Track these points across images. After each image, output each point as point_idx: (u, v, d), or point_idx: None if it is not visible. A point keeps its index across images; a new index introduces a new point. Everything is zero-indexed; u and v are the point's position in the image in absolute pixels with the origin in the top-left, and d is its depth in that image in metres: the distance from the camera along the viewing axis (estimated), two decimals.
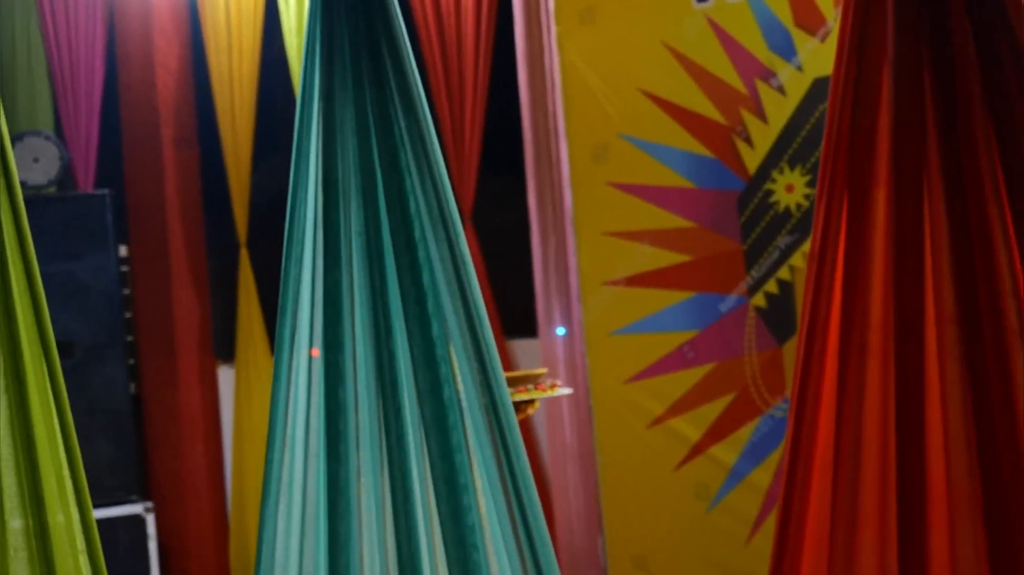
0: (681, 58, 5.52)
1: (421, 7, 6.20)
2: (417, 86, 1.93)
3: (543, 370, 3.67)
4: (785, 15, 5.37)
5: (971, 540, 1.65)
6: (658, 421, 5.55)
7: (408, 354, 1.90)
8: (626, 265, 5.62)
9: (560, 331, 5.96)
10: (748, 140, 5.46)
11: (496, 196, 6.69)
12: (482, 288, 6.07)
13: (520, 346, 6.45)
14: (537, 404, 3.55)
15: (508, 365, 6.36)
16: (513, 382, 3.52)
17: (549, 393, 3.49)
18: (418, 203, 1.90)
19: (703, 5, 5.51)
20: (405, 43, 1.93)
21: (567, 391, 3.56)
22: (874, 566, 1.67)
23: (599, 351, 5.64)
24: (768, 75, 5.42)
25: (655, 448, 5.57)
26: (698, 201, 5.56)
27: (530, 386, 3.48)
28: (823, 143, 1.70)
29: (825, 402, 1.71)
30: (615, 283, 5.64)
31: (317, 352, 1.87)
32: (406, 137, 1.91)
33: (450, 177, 5.83)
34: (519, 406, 3.48)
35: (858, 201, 1.68)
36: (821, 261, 1.70)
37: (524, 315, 6.20)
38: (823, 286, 1.70)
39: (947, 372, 1.66)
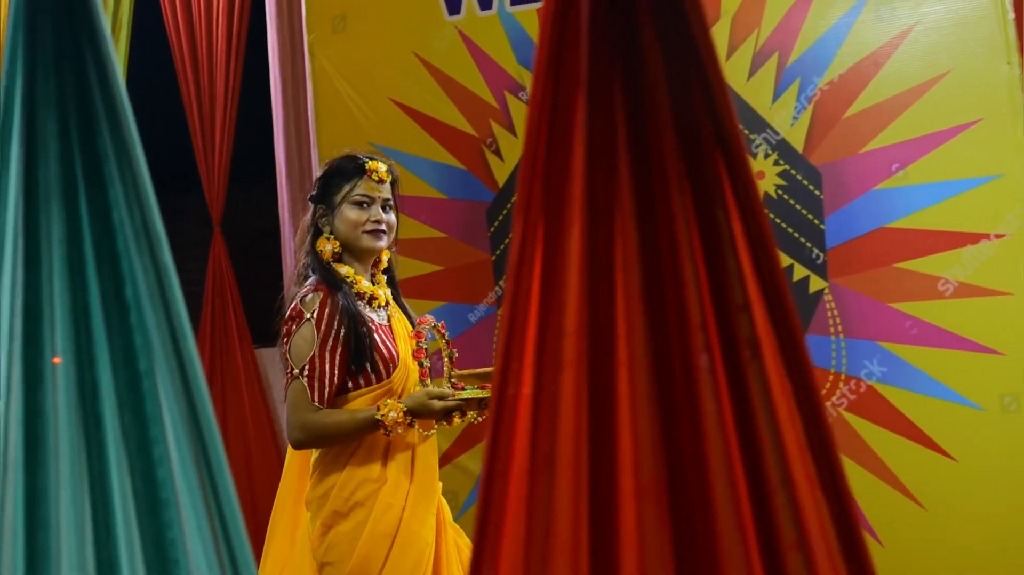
0: (432, 69, 5.56)
1: (172, 13, 6.11)
2: (122, 97, 1.90)
3: None
4: (534, 30, 5.45)
5: (658, 543, 1.71)
6: None
7: (109, 367, 1.86)
8: None
9: None
10: (498, 152, 5.53)
11: (248, 203, 6.64)
12: (231, 297, 6.01)
13: (271, 354, 6.41)
14: None
15: (257, 374, 6.32)
16: (483, 378, 3.49)
17: None
18: (121, 215, 1.87)
19: (454, 18, 5.56)
20: (110, 53, 1.89)
21: None
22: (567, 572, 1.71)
23: None
24: (517, 89, 5.50)
25: None
26: (448, 212, 5.60)
27: None
28: (521, 163, 1.74)
29: (522, 414, 1.74)
30: None
31: (58, 359, 1.83)
32: (110, 148, 1.87)
33: (200, 184, 5.73)
34: (483, 403, 3.43)
35: (553, 221, 1.72)
36: (518, 279, 1.72)
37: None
38: (520, 302, 1.73)
39: (636, 385, 1.71)
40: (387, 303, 3.64)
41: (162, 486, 1.85)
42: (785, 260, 5.12)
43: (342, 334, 3.41)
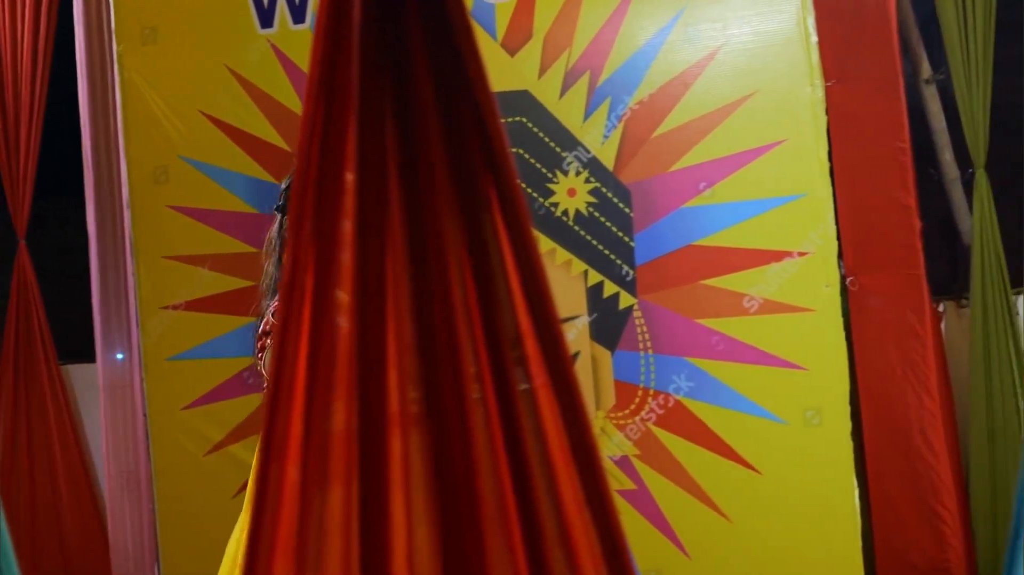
0: (243, 82, 5.49)
1: None
2: None
3: None
4: None
5: (429, 563, 1.71)
6: (217, 447, 5.48)
7: None
8: (186, 289, 5.52)
9: (120, 356, 5.82)
10: None
11: (54, 217, 6.49)
12: (37, 311, 5.86)
13: (78, 371, 6.27)
14: None
15: (64, 391, 6.17)
16: None
17: None
18: None
19: (267, 31, 5.49)
20: None
21: None
22: None
23: (157, 377, 5.52)
24: None
25: (213, 475, 5.48)
26: (259, 226, 5.48)
27: None
28: (292, 183, 1.73)
29: (293, 435, 1.73)
30: (175, 307, 5.54)
31: None
32: None
33: (3, 195, 5.58)
34: None
35: (325, 241, 1.71)
36: (289, 302, 1.71)
37: (82, 339, 6.03)
38: (291, 326, 1.71)
39: (407, 408, 1.71)
40: None
41: None
42: (595, 277, 5.18)
43: None
